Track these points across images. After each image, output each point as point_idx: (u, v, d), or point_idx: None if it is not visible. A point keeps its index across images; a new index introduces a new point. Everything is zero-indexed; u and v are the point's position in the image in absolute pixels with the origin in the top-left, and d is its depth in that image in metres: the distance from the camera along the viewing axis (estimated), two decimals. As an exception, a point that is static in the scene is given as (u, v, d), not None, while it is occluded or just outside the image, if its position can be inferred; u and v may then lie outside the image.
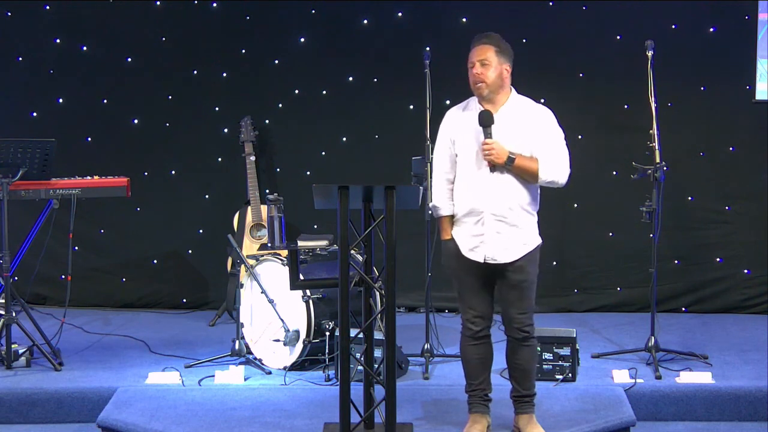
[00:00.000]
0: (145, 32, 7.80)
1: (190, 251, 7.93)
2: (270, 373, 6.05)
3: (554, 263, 7.65)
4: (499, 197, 4.88)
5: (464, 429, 5.05)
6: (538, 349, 5.62)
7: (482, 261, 4.91)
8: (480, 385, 5.06)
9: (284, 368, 6.06)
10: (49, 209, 6.34)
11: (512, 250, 4.91)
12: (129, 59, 7.82)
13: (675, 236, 7.46)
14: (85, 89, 7.85)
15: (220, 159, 7.87)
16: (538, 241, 4.99)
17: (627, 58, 7.13)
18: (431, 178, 5.13)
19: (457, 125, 5.01)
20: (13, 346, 6.07)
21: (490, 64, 4.89)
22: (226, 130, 7.80)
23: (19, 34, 7.85)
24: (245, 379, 5.91)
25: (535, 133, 4.92)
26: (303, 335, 6.05)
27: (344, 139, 7.82)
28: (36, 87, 7.86)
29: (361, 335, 4.98)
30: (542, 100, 5.25)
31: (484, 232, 4.90)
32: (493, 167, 4.87)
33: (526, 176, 4.91)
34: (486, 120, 4.87)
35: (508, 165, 4.86)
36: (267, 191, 7.55)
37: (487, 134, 4.86)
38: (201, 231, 7.90)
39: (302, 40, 7.78)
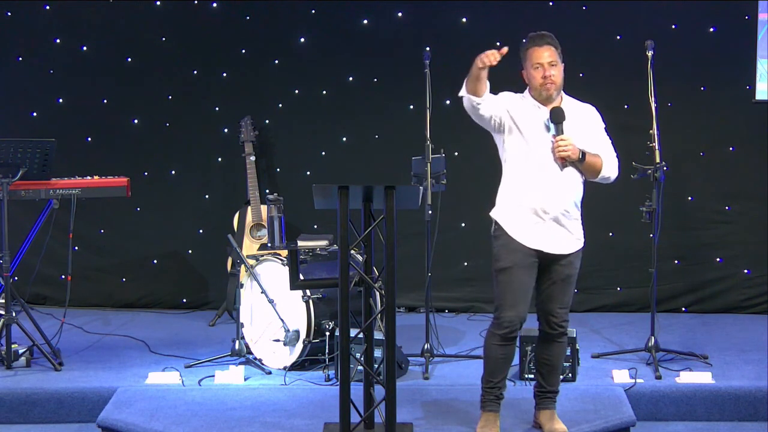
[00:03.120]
0: (145, 32, 7.79)
1: (190, 251, 7.93)
2: (270, 373, 6.05)
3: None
4: (566, 193, 4.89)
5: (478, 427, 5.04)
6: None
7: (544, 251, 4.89)
8: (498, 384, 5.04)
9: (284, 368, 6.05)
10: (49, 209, 6.34)
11: (571, 243, 4.95)
12: (129, 59, 7.81)
13: (675, 236, 7.45)
14: (85, 89, 7.84)
15: (220, 159, 7.87)
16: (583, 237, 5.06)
17: (627, 58, 7.13)
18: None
19: (517, 107, 4.92)
20: (13, 346, 6.06)
21: (557, 64, 4.90)
22: (226, 130, 7.79)
23: (19, 34, 7.84)
24: (245, 379, 5.90)
25: (591, 130, 4.97)
26: (303, 335, 6.05)
27: (344, 139, 7.82)
28: (36, 87, 7.85)
29: (361, 335, 4.98)
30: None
31: (547, 226, 4.88)
32: (565, 163, 4.86)
33: (589, 173, 4.93)
34: (559, 116, 4.85)
35: (580, 161, 4.86)
36: (267, 191, 7.55)
37: (560, 131, 4.84)
38: (201, 231, 7.89)
39: (302, 40, 7.77)
